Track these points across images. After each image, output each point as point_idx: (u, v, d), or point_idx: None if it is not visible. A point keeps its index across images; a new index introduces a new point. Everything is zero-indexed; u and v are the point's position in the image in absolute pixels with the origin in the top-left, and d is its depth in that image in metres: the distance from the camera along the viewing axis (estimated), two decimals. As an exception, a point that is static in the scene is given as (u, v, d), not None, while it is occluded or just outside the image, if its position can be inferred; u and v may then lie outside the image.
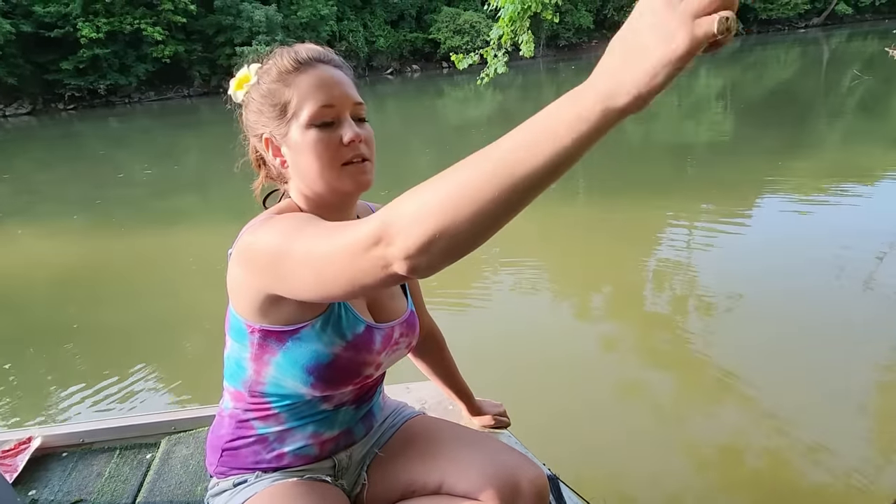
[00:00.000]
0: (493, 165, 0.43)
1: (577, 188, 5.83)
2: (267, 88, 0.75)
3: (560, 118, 0.41)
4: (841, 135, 7.17)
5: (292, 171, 0.77)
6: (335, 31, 27.10)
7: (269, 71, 0.76)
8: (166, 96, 25.20)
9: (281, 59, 0.75)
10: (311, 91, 0.73)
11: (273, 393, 0.80)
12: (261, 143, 0.78)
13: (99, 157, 11.20)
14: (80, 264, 4.63)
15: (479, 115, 13.08)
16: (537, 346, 2.67)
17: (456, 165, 0.46)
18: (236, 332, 0.78)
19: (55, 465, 1.28)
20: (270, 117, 0.75)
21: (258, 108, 0.76)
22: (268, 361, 0.77)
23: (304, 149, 0.73)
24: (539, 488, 0.86)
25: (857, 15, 34.62)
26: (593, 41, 32.66)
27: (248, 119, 0.79)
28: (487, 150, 0.44)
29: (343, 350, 0.77)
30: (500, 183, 0.42)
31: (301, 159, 0.74)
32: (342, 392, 0.83)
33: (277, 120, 0.75)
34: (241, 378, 0.81)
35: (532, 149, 0.42)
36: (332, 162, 0.73)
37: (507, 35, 5.39)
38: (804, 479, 1.77)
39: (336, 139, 0.73)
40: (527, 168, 0.42)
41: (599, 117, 0.40)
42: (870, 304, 2.83)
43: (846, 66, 14.14)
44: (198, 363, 2.86)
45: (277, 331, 0.75)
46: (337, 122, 0.74)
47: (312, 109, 0.72)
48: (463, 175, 0.44)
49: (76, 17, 21.62)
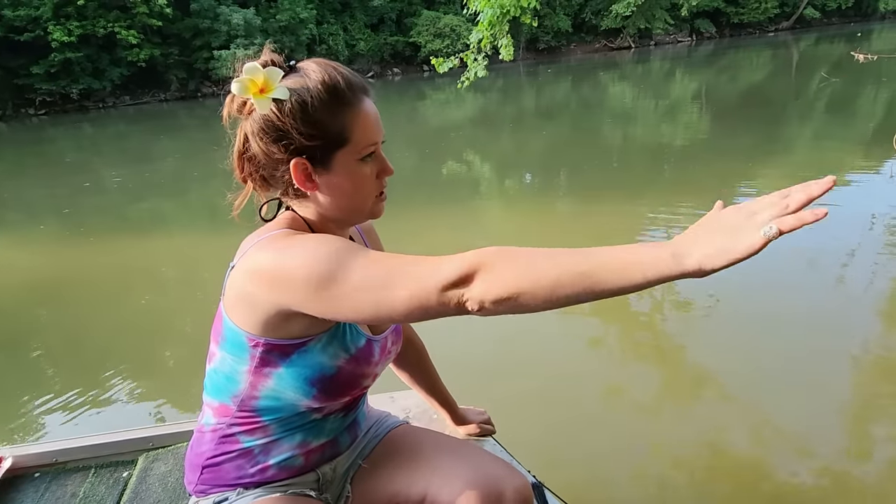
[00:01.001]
0: (581, 272, 0.54)
1: (557, 189, 5.89)
2: (306, 110, 0.70)
3: (641, 258, 0.53)
4: (811, 135, 7.38)
5: (323, 197, 0.75)
6: (315, 35, 26.91)
7: (306, 91, 0.70)
8: (142, 101, 24.70)
9: (326, 81, 0.71)
10: (363, 126, 0.73)
11: (266, 405, 0.79)
12: (285, 164, 0.73)
13: (67, 163, 10.91)
14: (47, 274, 4.49)
15: (461, 117, 13.13)
16: (520, 351, 2.68)
17: (550, 253, 0.57)
18: (233, 346, 0.77)
19: (27, 486, 1.24)
20: (306, 139, 0.71)
21: (287, 126, 0.71)
22: (268, 374, 0.76)
23: (351, 180, 0.75)
24: (524, 497, 0.87)
25: (824, 19, 35.63)
26: (572, 44, 33.04)
27: (264, 129, 0.72)
28: (580, 258, 0.55)
29: (346, 363, 0.78)
30: (580, 286, 0.54)
31: (344, 188, 0.75)
32: (339, 403, 0.84)
33: (320, 148, 0.72)
34: (230, 391, 0.79)
35: (615, 273, 0.53)
36: (371, 193, 0.77)
37: (486, 39, 5.42)
38: (786, 476, 1.81)
39: (375, 172, 0.77)
40: (604, 286, 0.54)
41: (667, 266, 0.51)
42: (842, 298, 2.92)
43: (814, 68, 14.56)
44: (176, 375, 2.80)
45: (283, 344, 0.74)
46: (374, 155, 0.76)
47: (364, 145, 0.74)
48: (554, 267, 0.55)
49: (47, 20, 21.05)
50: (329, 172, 0.74)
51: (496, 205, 5.72)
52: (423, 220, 4.98)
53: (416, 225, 4.75)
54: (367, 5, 29.09)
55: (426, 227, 4.80)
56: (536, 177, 6.64)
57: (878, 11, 35.44)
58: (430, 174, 7.07)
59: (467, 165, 7.46)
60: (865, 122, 7.72)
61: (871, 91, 10.19)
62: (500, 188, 6.38)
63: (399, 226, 4.09)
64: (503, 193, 6.14)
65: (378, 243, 1.01)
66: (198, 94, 25.46)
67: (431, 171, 7.21)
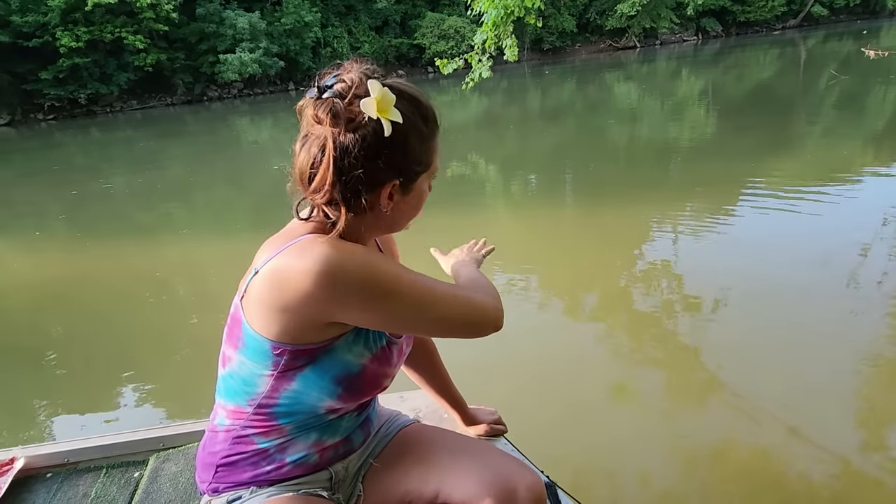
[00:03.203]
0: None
1: (564, 191, 5.87)
2: (414, 142, 0.74)
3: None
4: (820, 134, 7.31)
5: (383, 213, 0.76)
6: (319, 38, 27.02)
7: (414, 121, 0.73)
8: (149, 105, 24.91)
9: (425, 116, 0.76)
10: (437, 154, 0.80)
11: (283, 409, 0.79)
12: (378, 183, 0.72)
13: (75, 168, 11.02)
14: (58, 278, 4.52)
15: (465, 118, 13.13)
16: (531, 350, 2.67)
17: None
18: (254, 352, 0.76)
19: (39, 486, 1.24)
20: (404, 165, 0.74)
21: (396, 152, 0.71)
22: (292, 377, 0.76)
23: (418, 201, 0.81)
24: (537, 495, 0.86)
25: (832, 16, 35.37)
26: (577, 45, 32.99)
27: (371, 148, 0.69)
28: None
29: (370, 362, 0.79)
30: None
31: (411, 207, 0.80)
32: (358, 402, 0.85)
33: (414, 172, 0.76)
34: (248, 394, 0.79)
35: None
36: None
37: (490, 40, 5.41)
38: (799, 477, 1.79)
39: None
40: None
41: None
42: (854, 297, 2.88)
43: (823, 66, 14.46)
44: (186, 376, 2.81)
45: (311, 348, 0.74)
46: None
47: (436, 170, 0.81)
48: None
49: (55, 26, 21.28)
50: (409, 194, 0.78)
51: (503, 205, 5.71)
52: (430, 221, 4.97)
53: (423, 226, 4.74)
54: (372, 8, 29.19)
55: (432, 227, 4.79)
56: (542, 177, 6.62)
57: (886, 8, 35.10)
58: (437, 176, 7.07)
59: (473, 167, 7.46)
60: (876, 119, 7.64)
61: (881, 88, 10.09)
62: (507, 189, 6.37)
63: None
64: (509, 194, 6.13)
65: (396, 254, 1.05)
66: (203, 98, 25.62)
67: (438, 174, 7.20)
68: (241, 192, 6.98)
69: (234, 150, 11.44)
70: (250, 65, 23.89)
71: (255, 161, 9.85)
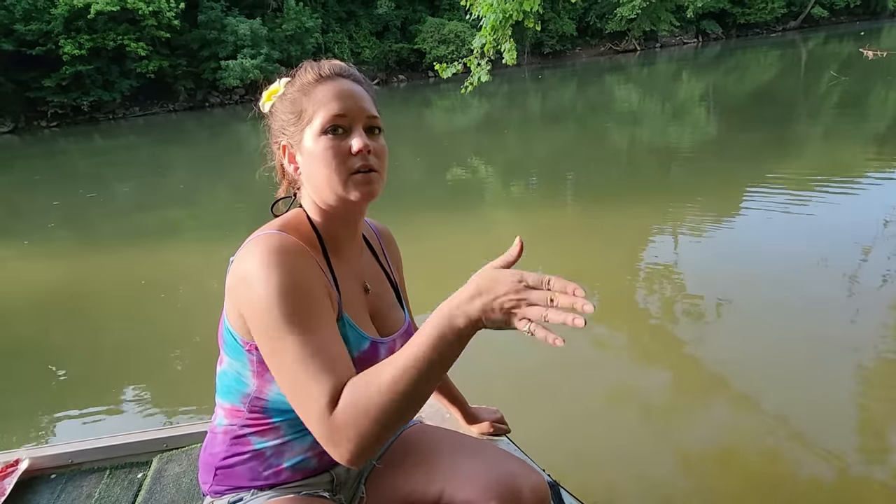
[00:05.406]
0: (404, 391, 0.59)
1: (565, 194, 5.87)
2: (289, 98, 0.79)
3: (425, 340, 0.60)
4: (822, 135, 7.31)
5: (304, 178, 0.79)
6: (320, 44, 27.14)
7: (293, 83, 0.80)
8: (151, 111, 25.02)
9: (305, 72, 0.80)
10: (326, 100, 0.75)
11: (275, 407, 0.79)
12: (279, 150, 0.82)
13: (78, 174, 11.06)
14: (62, 283, 4.54)
15: (466, 122, 13.16)
16: (533, 350, 2.67)
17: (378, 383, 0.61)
18: (231, 349, 0.77)
19: (43, 487, 1.25)
20: (289, 125, 0.79)
21: (280, 117, 0.80)
22: (270, 379, 0.75)
23: (315, 155, 0.75)
24: (541, 495, 0.86)
25: (832, 17, 35.40)
26: (577, 48, 33.07)
27: (272, 128, 0.83)
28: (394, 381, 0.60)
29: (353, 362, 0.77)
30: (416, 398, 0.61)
31: (311, 166, 0.76)
32: None
33: (294, 126, 0.78)
34: (240, 393, 0.79)
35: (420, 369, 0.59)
36: (340, 169, 0.74)
37: (489, 44, 5.43)
38: (802, 478, 1.78)
39: (346, 148, 0.75)
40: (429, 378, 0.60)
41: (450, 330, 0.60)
42: (856, 298, 2.87)
43: (823, 67, 14.45)
44: (188, 376, 2.82)
45: None
46: (348, 131, 0.76)
47: (325, 117, 0.75)
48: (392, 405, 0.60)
49: (58, 34, 21.42)
50: (301, 151, 0.78)
51: (504, 209, 5.71)
52: (431, 226, 4.98)
53: (424, 231, 4.76)
54: (372, 13, 29.32)
55: (434, 232, 4.81)
56: (543, 180, 6.62)
57: (887, 9, 35.13)
58: (437, 179, 7.09)
59: (473, 170, 7.47)
60: (876, 120, 7.63)
61: (882, 89, 10.08)
62: (507, 193, 6.37)
63: (408, 232, 4.09)
64: (510, 198, 6.13)
65: (398, 258, 1.00)
66: (205, 104, 25.73)
67: (438, 176, 7.22)
68: (242, 196, 7.00)
69: (234, 156, 11.48)
70: (252, 71, 24.00)
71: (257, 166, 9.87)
